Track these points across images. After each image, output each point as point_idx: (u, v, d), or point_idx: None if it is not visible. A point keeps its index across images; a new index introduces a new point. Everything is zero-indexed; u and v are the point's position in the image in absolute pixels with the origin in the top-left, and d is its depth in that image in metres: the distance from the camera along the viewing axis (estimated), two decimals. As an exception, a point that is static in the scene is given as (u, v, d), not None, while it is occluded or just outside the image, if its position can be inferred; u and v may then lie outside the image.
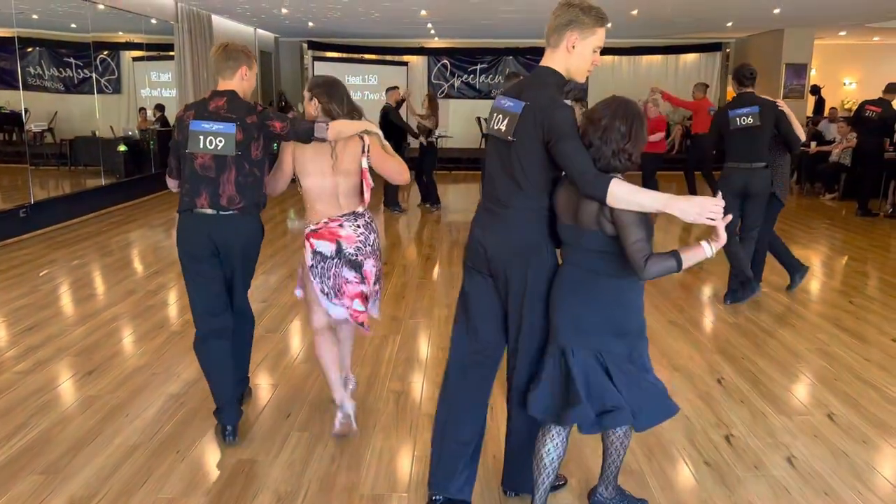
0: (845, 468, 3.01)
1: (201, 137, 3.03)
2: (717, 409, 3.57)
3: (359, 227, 3.17)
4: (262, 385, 3.82)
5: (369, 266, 3.21)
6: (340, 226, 3.13)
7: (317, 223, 3.14)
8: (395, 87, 9.88)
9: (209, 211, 3.06)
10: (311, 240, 3.14)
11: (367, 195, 3.18)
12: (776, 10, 11.73)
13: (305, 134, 3.04)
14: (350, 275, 3.16)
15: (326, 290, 3.16)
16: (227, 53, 3.13)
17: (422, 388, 3.81)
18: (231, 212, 3.07)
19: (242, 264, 3.22)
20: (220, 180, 3.05)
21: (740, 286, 5.29)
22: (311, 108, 3.17)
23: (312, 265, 3.14)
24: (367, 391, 3.76)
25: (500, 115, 2.43)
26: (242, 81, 3.16)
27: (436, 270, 6.37)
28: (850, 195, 10.19)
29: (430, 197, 9.85)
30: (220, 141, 3.03)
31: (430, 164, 9.74)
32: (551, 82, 2.38)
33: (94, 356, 4.21)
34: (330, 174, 3.12)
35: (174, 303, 5.28)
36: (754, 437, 3.27)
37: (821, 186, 11.19)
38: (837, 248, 7.48)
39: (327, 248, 3.12)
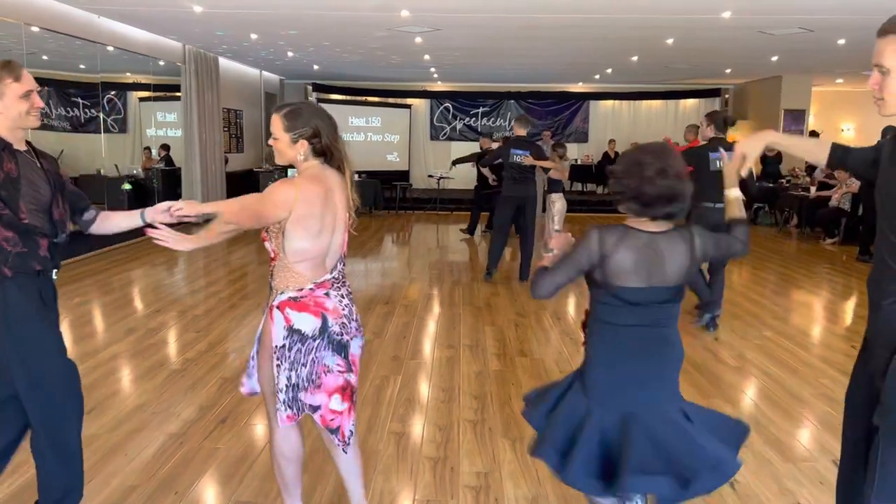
0: (852, 516, 2.96)
1: None
2: (721, 454, 3.53)
3: (343, 296, 2.50)
4: (260, 425, 3.79)
5: (356, 348, 2.56)
6: (326, 294, 2.45)
7: (299, 289, 2.40)
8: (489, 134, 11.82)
9: None
10: (288, 311, 2.38)
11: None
12: (773, 58, 11.94)
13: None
14: (332, 361, 2.47)
15: (296, 380, 2.40)
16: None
17: (422, 430, 3.78)
18: None
19: None
20: None
21: None
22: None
23: (285, 345, 2.38)
24: (367, 432, 3.73)
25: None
26: None
27: (437, 310, 6.36)
28: (851, 240, 10.22)
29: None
30: None
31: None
32: None
33: (93, 395, 4.18)
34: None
35: (174, 341, 5.27)
36: (760, 484, 3.23)
37: (821, 231, 11.24)
38: (838, 292, 7.48)
39: (310, 323, 2.40)
